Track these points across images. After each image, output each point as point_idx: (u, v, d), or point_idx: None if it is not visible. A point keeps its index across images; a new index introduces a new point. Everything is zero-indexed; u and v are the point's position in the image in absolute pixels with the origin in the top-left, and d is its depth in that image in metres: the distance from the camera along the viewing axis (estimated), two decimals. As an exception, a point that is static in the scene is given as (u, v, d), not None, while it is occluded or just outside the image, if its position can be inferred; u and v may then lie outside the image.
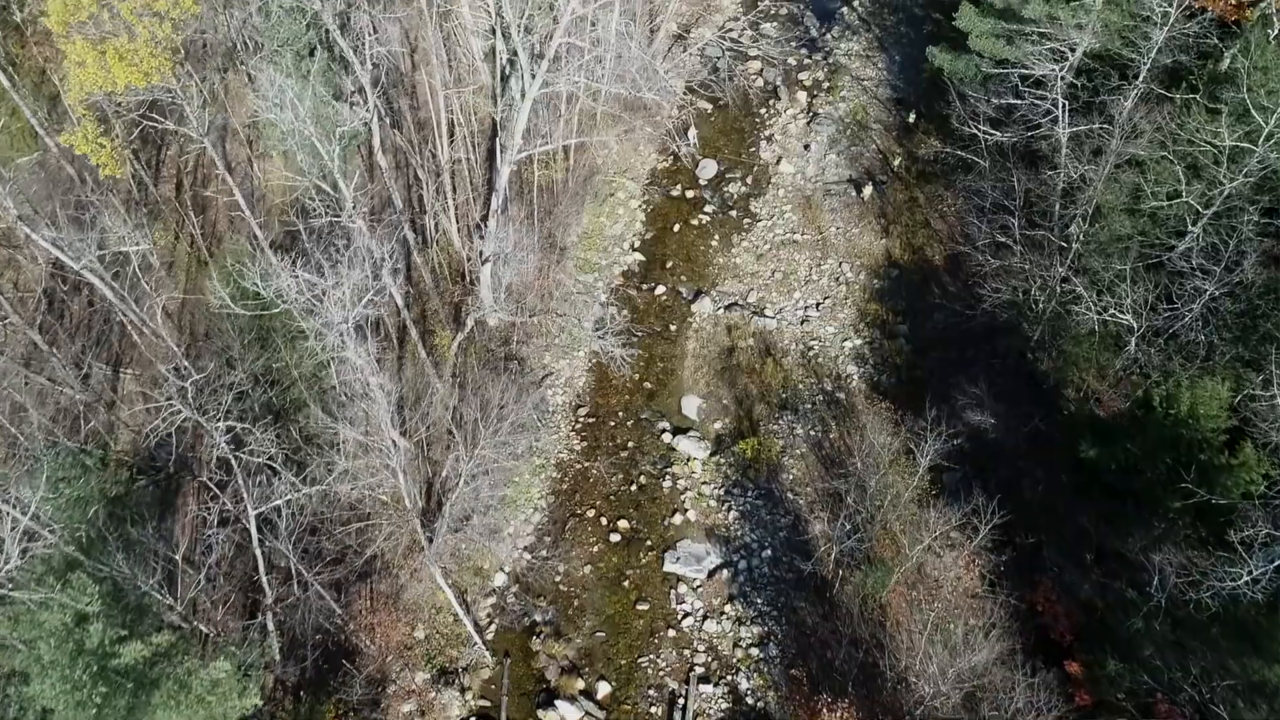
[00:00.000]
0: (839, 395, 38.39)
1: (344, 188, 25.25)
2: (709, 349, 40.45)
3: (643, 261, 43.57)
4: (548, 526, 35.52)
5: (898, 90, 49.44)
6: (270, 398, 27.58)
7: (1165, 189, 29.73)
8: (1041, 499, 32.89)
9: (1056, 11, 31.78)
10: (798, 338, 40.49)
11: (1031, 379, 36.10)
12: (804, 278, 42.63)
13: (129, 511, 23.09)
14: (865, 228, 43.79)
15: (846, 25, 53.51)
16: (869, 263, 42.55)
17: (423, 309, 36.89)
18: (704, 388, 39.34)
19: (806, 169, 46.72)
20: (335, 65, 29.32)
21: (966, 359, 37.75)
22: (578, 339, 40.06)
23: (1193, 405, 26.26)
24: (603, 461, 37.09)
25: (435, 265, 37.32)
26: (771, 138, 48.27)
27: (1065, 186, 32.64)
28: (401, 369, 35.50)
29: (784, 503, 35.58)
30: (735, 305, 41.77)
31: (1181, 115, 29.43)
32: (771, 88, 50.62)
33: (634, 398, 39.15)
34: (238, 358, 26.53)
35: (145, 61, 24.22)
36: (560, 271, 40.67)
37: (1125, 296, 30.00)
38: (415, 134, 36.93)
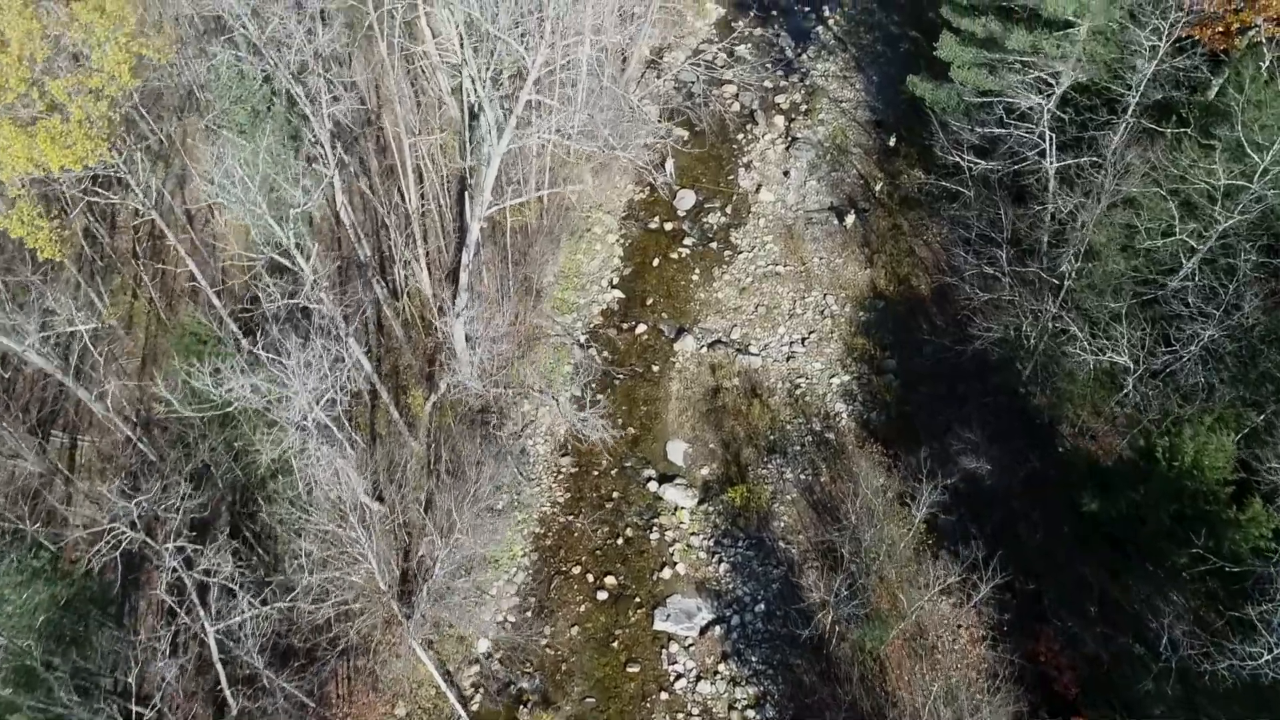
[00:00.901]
0: (828, 435, 37.32)
1: (303, 264, 23.88)
2: (693, 390, 39.28)
3: (622, 299, 42.33)
4: (532, 586, 34.21)
5: (877, 112, 48.49)
6: (235, 474, 26.15)
7: (1159, 225, 28.85)
8: (1040, 544, 31.96)
9: (1041, 42, 30.81)
10: (784, 375, 39.39)
11: (1024, 414, 35.21)
12: (788, 311, 41.54)
13: (80, 622, 21.55)
14: (849, 257, 42.77)
15: (823, 45, 52.52)
16: (854, 294, 41.52)
17: (395, 364, 35.49)
18: (689, 431, 38.16)
19: (787, 197, 45.66)
20: (294, 118, 27.91)
21: (957, 394, 36.83)
22: (557, 385, 38.79)
23: (1197, 457, 25.35)
24: (587, 514, 35.84)
25: (407, 316, 35.91)
26: (750, 164, 47.18)
27: (1055, 223, 31.69)
28: (374, 427, 34.09)
29: (776, 553, 34.45)
30: (719, 342, 40.62)
31: (1173, 151, 28.54)
32: (748, 112, 49.53)
33: (618, 444, 37.85)
34: (197, 438, 25.10)
35: (80, 145, 22.69)
36: (537, 315, 39.36)
37: (1121, 337, 29.07)
38: (382, 181, 35.53)
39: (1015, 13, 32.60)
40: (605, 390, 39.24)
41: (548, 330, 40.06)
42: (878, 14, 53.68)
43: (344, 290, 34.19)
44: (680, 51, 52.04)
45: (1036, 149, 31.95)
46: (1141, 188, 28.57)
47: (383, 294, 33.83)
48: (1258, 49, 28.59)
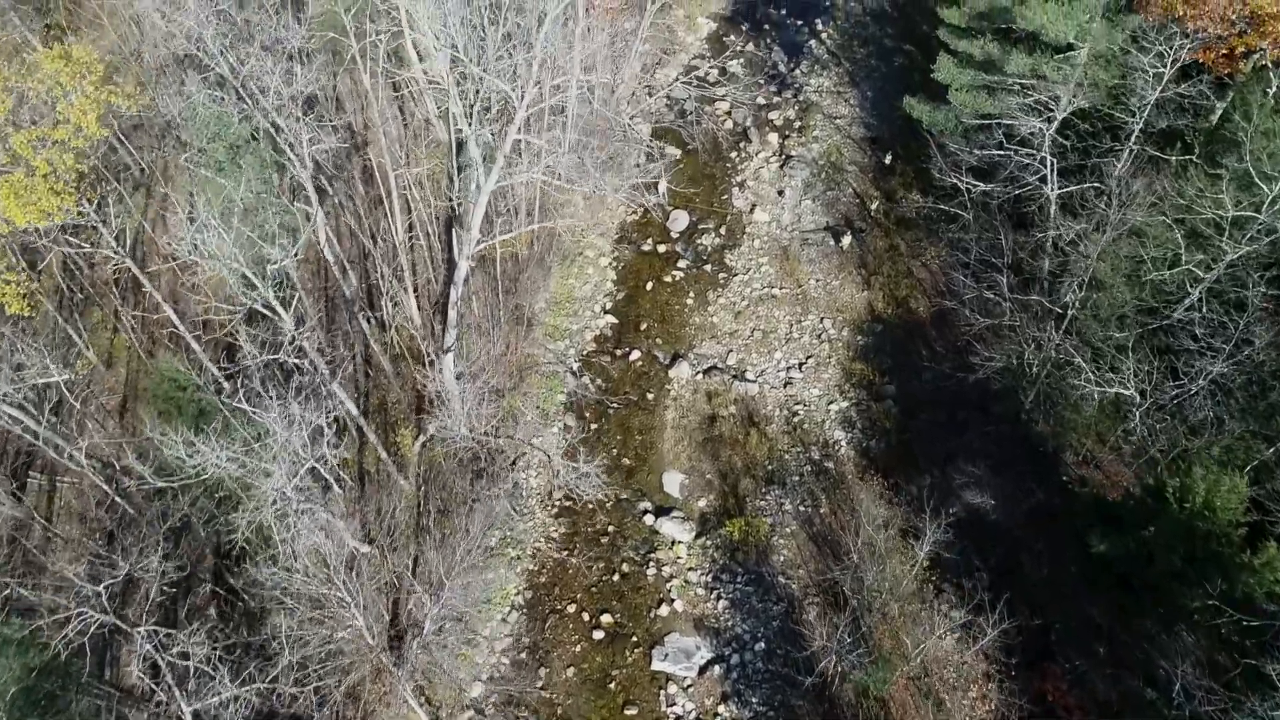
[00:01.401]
0: (827, 464, 36.56)
1: (284, 316, 23.01)
2: (689, 419, 38.48)
3: (615, 324, 41.51)
4: (526, 625, 33.37)
5: (871, 128, 47.77)
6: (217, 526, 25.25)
7: (1165, 254, 28.16)
8: (1046, 579, 31.26)
9: (1041, 66, 30.10)
10: (781, 402, 38.63)
11: (1027, 442, 34.51)
12: (784, 336, 40.78)
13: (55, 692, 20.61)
14: (846, 279, 42.03)
15: (816, 59, 51.78)
16: (851, 317, 40.78)
17: (383, 399, 34.61)
18: (685, 462, 37.36)
19: (782, 217, 44.90)
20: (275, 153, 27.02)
21: (957, 421, 36.13)
22: (551, 415, 37.97)
23: (1208, 497, 24.65)
24: (582, 549, 35.01)
25: (396, 348, 35.01)
26: (744, 184, 46.41)
27: (1057, 251, 31.00)
28: (362, 464, 33.22)
29: (776, 588, 33.67)
30: (714, 369, 39.83)
31: (1179, 179, 27.86)
32: (741, 129, 48.76)
33: (613, 476, 37.03)
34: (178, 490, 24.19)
35: (44, 200, 21.78)
36: (529, 343, 38.52)
37: (1127, 369, 28.38)
38: (369, 210, 34.63)
39: (1014, 34, 31.90)
40: (599, 419, 38.45)
41: (540, 358, 39.24)
42: (871, 27, 52.98)
43: (331, 323, 33.31)
44: (672, 68, 51.28)
45: (1037, 174, 31.25)
46: (1146, 217, 27.86)
47: (369, 328, 32.94)
48: (1263, 74, 27.92)
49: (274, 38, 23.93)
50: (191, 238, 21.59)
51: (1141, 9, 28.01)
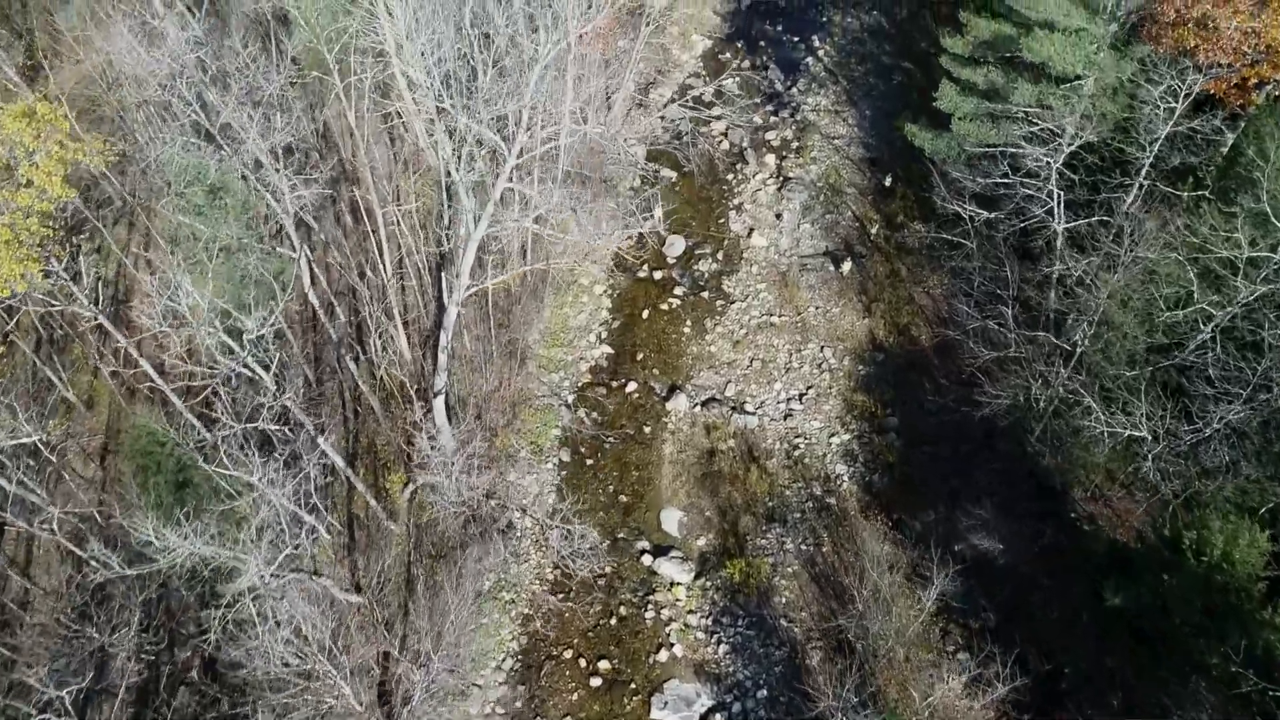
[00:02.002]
0: (829, 500, 35.67)
1: (265, 378, 22.06)
2: (687, 453, 37.56)
3: (611, 355, 40.58)
4: (521, 673, 32.40)
5: (870, 149, 46.90)
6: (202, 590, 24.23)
7: (1177, 293, 27.31)
8: (1057, 622, 30.39)
9: (1047, 97, 29.23)
10: (781, 435, 37.73)
11: (1033, 477, 33.66)
12: (784, 365, 39.89)
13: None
14: (846, 306, 41.14)
15: (813, 77, 50.90)
16: (852, 346, 39.89)
17: (371, 440, 33.62)
18: (684, 499, 36.44)
19: (780, 241, 44.02)
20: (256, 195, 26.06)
21: (962, 456, 35.27)
22: (546, 450, 37.04)
23: (1226, 550, 23.81)
24: (578, 592, 34.04)
25: (385, 388, 34.03)
26: (741, 207, 45.51)
27: (1063, 287, 30.14)
28: (351, 508, 32.24)
29: (778, 632, 32.76)
30: (713, 400, 38.91)
31: (1191, 216, 27.01)
32: (738, 150, 47.87)
33: (609, 513, 36.15)
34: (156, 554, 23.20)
35: (6, 267, 20.77)
36: (522, 377, 37.56)
37: (1140, 412, 27.51)
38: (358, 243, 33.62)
39: (1019, 62, 31.02)
40: (595, 454, 37.51)
41: (534, 391, 38.29)
42: (868, 44, 52.12)
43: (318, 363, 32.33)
44: (667, 87, 50.37)
45: (1044, 207, 30.39)
46: (1158, 255, 27.00)
47: (357, 369, 31.97)
48: (1277, 106, 27.09)
49: (250, 86, 22.96)
50: (165, 304, 20.64)
51: (1152, 40, 27.16)
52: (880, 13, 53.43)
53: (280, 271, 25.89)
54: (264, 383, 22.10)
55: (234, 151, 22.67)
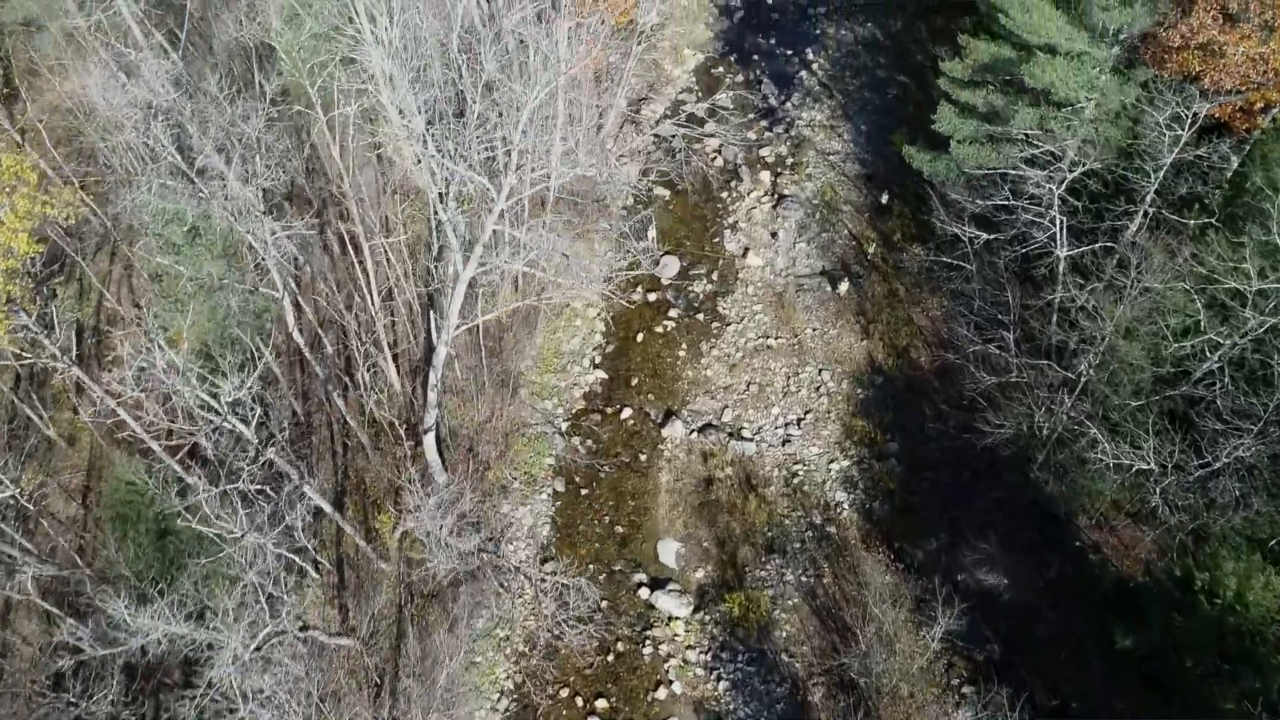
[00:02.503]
0: (829, 529, 35.01)
1: (248, 434, 21.26)
2: (684, 481, 36.85)
3: (605, 380, 39.84)
4: (517, 713, 31.64)
5: (866, 164, 46.24)
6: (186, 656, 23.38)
7: (1184, 323, 26.70)
8: (1064, 659, 29.77)
9: (1048, 122, 28.59)
10: (780, 462, 37.05)
11: (1036, 505, 33.05)
12: (781, 389, 39.20)
13: None
14: (843, 328, 40.47)
15: (807, 91, 50.21)
16: (850, 369, 39.23)
17: (360, 478, 32.81)
18: (681, 529, 35.73)
19: (776, 261, 43.33)
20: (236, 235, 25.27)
21: (962, 482, 34.65)
22: (539, 480, 36.29)
23: (1240, 592, 23.19)
24: (574, 628, 33.29)
25: (374, 420, 33.21)
26: (736, 225, 44.80)
27: (1067, 316, 29.51)
28: (340, 545, 31.46)
29: (779, 667, 32.09)
30: (709, 426, 38.20)
31: (1198, 244, 26.40)
32: (732, 167, 47.12)
33: (605, 545, 35.44)
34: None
35: None
36: (515, 405, 36.80)
37: (1147, 447, 26.89)
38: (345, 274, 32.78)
39: (1019, 84, 30.37)
40: (590, 484, 36.79)
41: (527, 419, 37.53)
42: (863, 56, 51.49)
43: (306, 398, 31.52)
44: (659, 103, 49.62)
45: (1046, 233, 29.76)
46: (1165, 285, 26.38)
47: (345, 405, 31.18)
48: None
49: (229, 128, 22.15)
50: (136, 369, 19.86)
51: (1156, 65, 26.54)
52: (874, 25, 52.80)
53: (264, 310, 25.11)
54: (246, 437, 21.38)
55: (213, 193, 21.89)
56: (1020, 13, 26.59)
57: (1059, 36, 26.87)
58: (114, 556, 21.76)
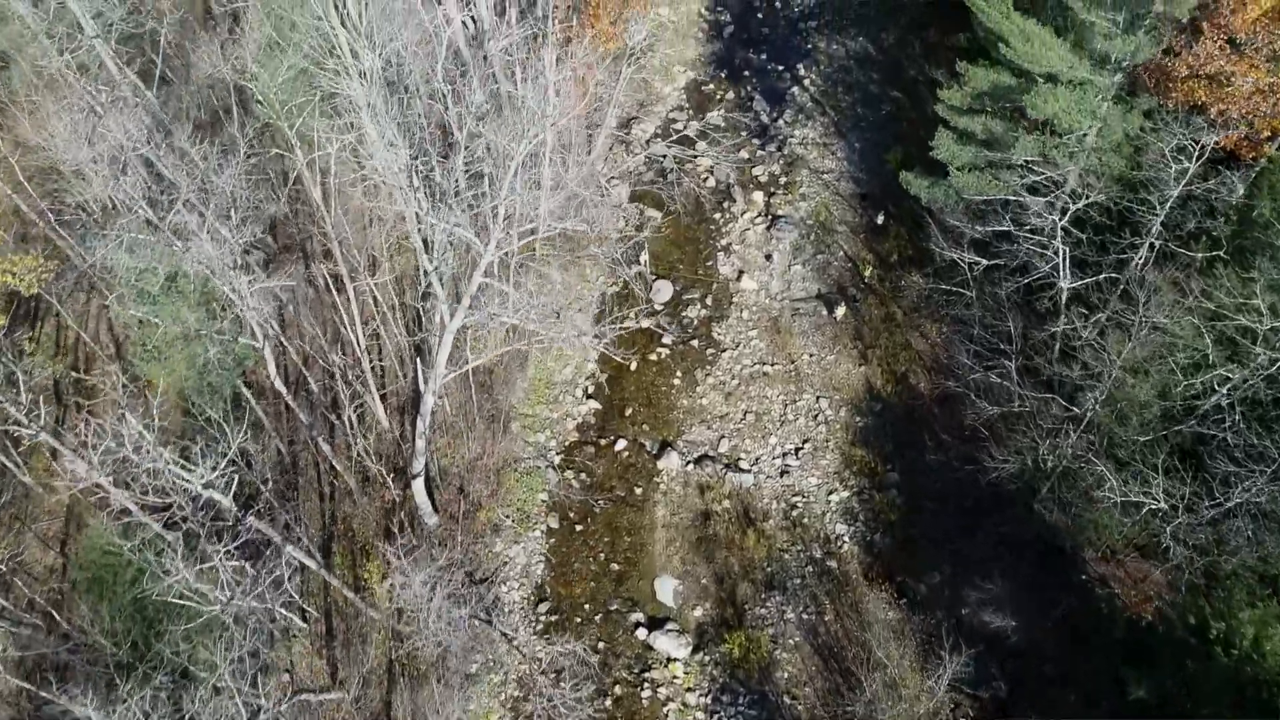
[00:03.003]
0: (830, 564, 34.25)
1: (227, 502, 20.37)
2: (681, 516, 36.03)
3: (599, 410, 38.99)
4: (513, 763, 30.83)
5: (861, 183, 45.51)
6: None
7: (1193, 358, 26.01)
8: (1074, 702, 29.06)
9: (1050, 151, 27.88)
10: (778, 494, 36.27)
11: (1040, 539, 32.32)
12: (779, 417, 38.42)
13: None
14: (841, 353, 39.71)
15: (799, 108, 49.42)
16: (849, 396, 38.47)
17: (348, 523, 31.87)
18: (679, 565, 34.92)
19: (770, 284, 42.54)
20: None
21: (965, 512, 33.93)
22: (532, 517, 35.43)
23: (1257, 640, 22.49)
24: (570, 672, 32.43)
25: (361, 463, 32.27)
26: (729, 248, 43.99)
27: (1071, 349, 28.80)
28: (328, 593, 30.53)
29: (781, 710, 31.31)
30: (706, 458, 37.40)
31: (1206, 278, 25.71)
32: (724, 187, 46.33)
33: (601, 583, 34.61)
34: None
35: None
36: (506, 441, 35.91)
37: (1156, 484, 26.19)
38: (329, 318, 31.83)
39: (1019, 110, 29.65)
40: (585, 519, 35.93)
41: (518, 453, 36.64)
42: (855, 72, 50.72)
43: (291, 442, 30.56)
44: (649, 122, 48.81)
45: (1049, 263, 29.06)
46: (1173, 320, 25.68)
47: (331, 450, 30.24)
48: (1292, 160, 25.83)
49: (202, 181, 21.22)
50: (103, 452, 18.90)
51: (1160, 94, 25.84)
52: (866, 39, 52.07)
53: (245, 356, 24.22)
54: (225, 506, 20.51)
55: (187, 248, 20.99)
56: (1021, 43, 25.86)
57: (1060, 65, 26.16)
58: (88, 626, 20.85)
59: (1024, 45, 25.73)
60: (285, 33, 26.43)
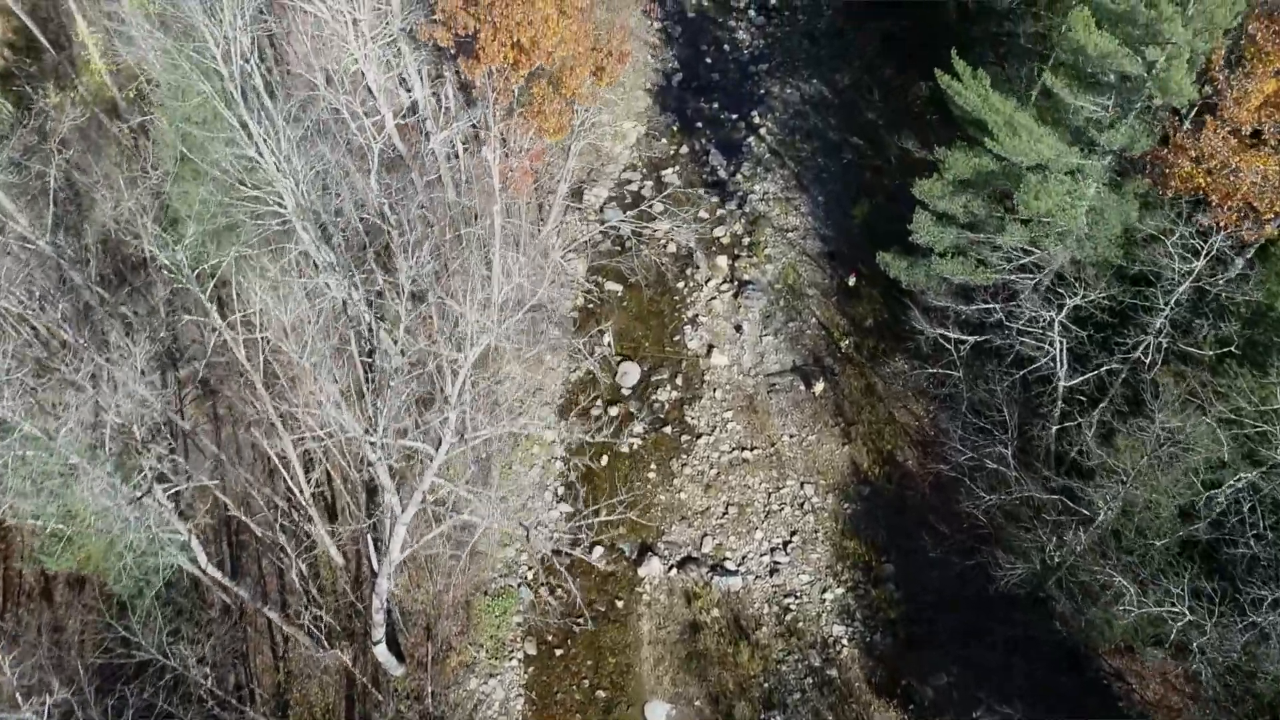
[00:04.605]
0: (830, 672, 32.10)
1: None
2: (668, 629, 33.60)
3: (571, 513, 36.38)
4: None
5: (828, 240, 43.48)
6: None
7: (1208, 460, 24.22)
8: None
9: (1042, 240, 25.92)
10: (769, 596, 34.01)
11: (1052, 634, 30.48)
12: (763, 508, 36.17)
13: None
14: (822, 432, 37.59)
15: (757, 160, 47.23)
16: (835, 480, 36.35)
17: (304, 694, 28.78)
18: (669, 687, 32.48)
19: (742, 358, 40.27)
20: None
21: (969, 608, 31.99)
22: (507, 645, 32.74)
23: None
24: (562, 822, 29.96)
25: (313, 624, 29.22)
26: (696, 319, 41.62)
27: (1076, 446, 26.92)
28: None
29: None
30: (689, 560, 35.00)
31: (1218, 377, 23.92)
32: (686, 252, 43.90)
33: (587, 714, 32.06)
34: None
35: None
36: (474, 564, 33.16)
37: (1180, 599, 24.36)
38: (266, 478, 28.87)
39: (1005, 193, 27.69)
40: (564, 642, 33.33)
41: (487, 574, 33.92)
42: (811, 117, 48.71)
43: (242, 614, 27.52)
44: (602, 186, 46.23)
45: (1047, 355, 27.14)
46: (1185, 422, 23.85)
47: (280, 616, 27.27)
48: (1300, 245, 24.17)
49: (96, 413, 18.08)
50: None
51: (1159, 182, 23.98)
52: (820, 81, 50.12)
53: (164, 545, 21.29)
54: None
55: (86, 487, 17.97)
56: (1008, 136, 23.84)
57: (1050, 154, 24.17)
58: None
59: (1012, 140, 23.70)
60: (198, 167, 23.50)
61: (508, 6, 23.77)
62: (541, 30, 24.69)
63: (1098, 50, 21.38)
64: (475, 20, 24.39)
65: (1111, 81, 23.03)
